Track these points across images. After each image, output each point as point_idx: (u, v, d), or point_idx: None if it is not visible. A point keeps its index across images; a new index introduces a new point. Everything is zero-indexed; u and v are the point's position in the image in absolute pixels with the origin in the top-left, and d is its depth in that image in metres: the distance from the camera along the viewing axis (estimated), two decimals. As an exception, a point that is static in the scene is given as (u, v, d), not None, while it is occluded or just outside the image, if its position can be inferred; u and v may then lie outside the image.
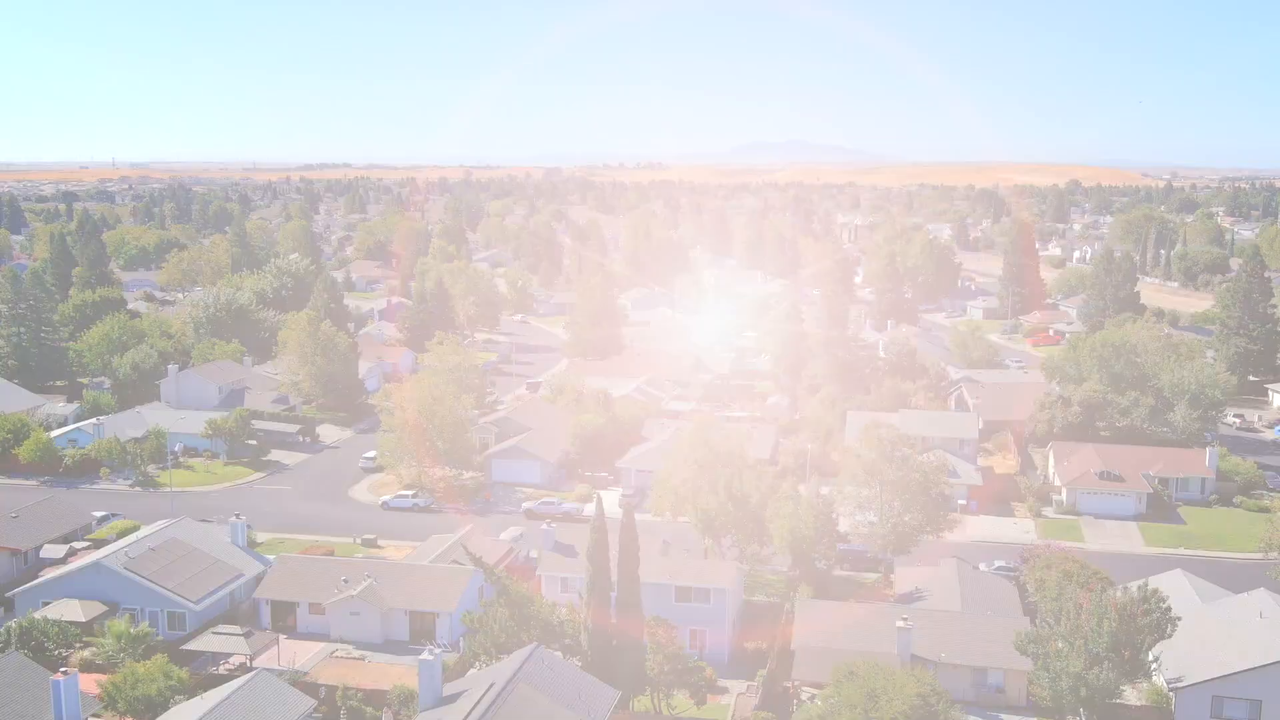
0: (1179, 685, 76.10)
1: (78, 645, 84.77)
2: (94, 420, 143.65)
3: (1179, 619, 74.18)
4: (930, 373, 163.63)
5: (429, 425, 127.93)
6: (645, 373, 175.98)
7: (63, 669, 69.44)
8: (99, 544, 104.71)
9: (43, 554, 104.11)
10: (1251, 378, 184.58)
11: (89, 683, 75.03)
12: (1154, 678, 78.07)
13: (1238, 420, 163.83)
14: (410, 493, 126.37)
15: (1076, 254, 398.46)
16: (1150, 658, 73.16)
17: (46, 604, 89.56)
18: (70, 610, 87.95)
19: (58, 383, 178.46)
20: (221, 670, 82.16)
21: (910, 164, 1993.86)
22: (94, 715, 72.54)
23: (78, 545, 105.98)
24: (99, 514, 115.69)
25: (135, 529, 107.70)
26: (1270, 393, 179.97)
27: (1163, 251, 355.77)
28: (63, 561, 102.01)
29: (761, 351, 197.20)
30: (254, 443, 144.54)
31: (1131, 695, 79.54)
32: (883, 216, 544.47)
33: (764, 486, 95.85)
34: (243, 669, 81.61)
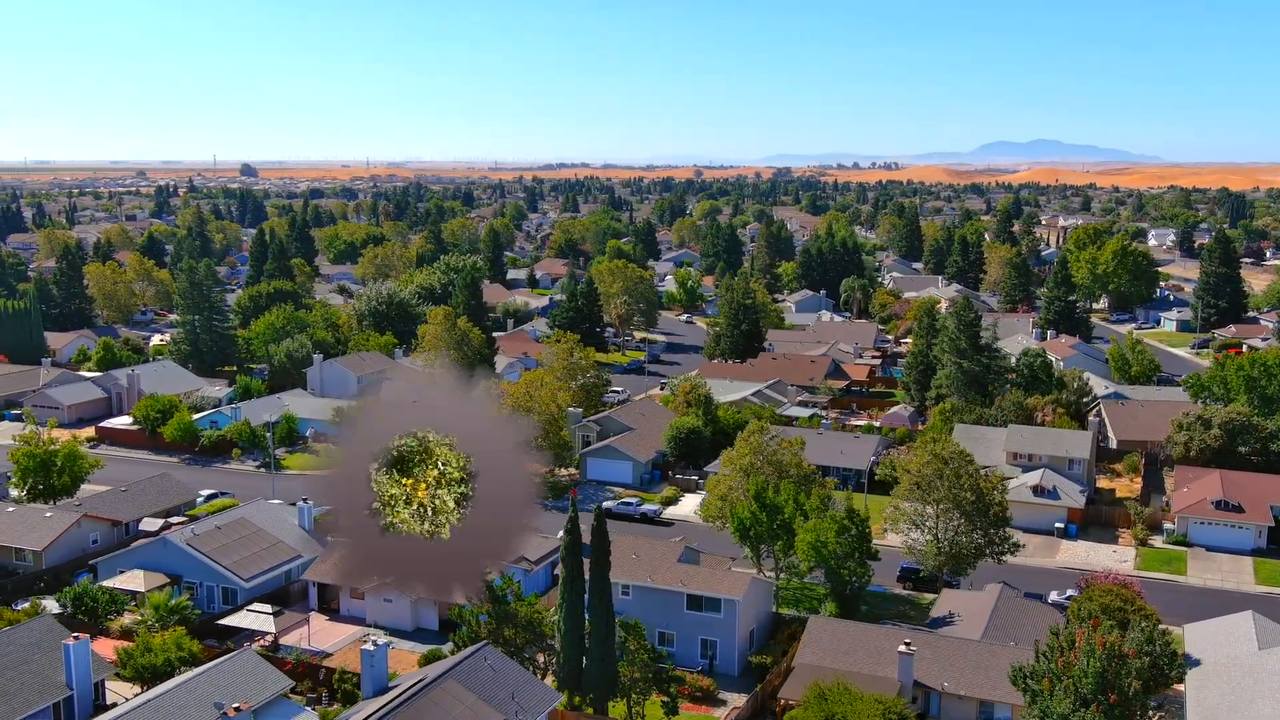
0: (1199, 737, 69.74)
1: (128, 612, 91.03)
2: (233, 405, 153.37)
3: (1184, 665, 67.94)
4: (1070, 387, 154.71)
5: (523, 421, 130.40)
6: (778, 376, 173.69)
7: (75, 635, 74.66)
8: (193, 520, 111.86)
9: (141, 526, 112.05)
10: None
11: (117, 648, 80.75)
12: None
13: None
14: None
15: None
16: (1155, 704, 67.36)
17: (121, 572, 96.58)
18: (134, 580, 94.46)
19: (227, 368, 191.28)
20: (254, 647, 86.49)
21: (1165, 164, 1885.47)
22: (114, 677, 78.13)
23: (174, 520, 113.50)
24: (206, 492, 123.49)
25: (234, 507, 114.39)
26: None
27: None
28: (156, 534, 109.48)
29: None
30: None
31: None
32: (1110, 219, 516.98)
33: (804, 497, 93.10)
34: (275, 646, 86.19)
